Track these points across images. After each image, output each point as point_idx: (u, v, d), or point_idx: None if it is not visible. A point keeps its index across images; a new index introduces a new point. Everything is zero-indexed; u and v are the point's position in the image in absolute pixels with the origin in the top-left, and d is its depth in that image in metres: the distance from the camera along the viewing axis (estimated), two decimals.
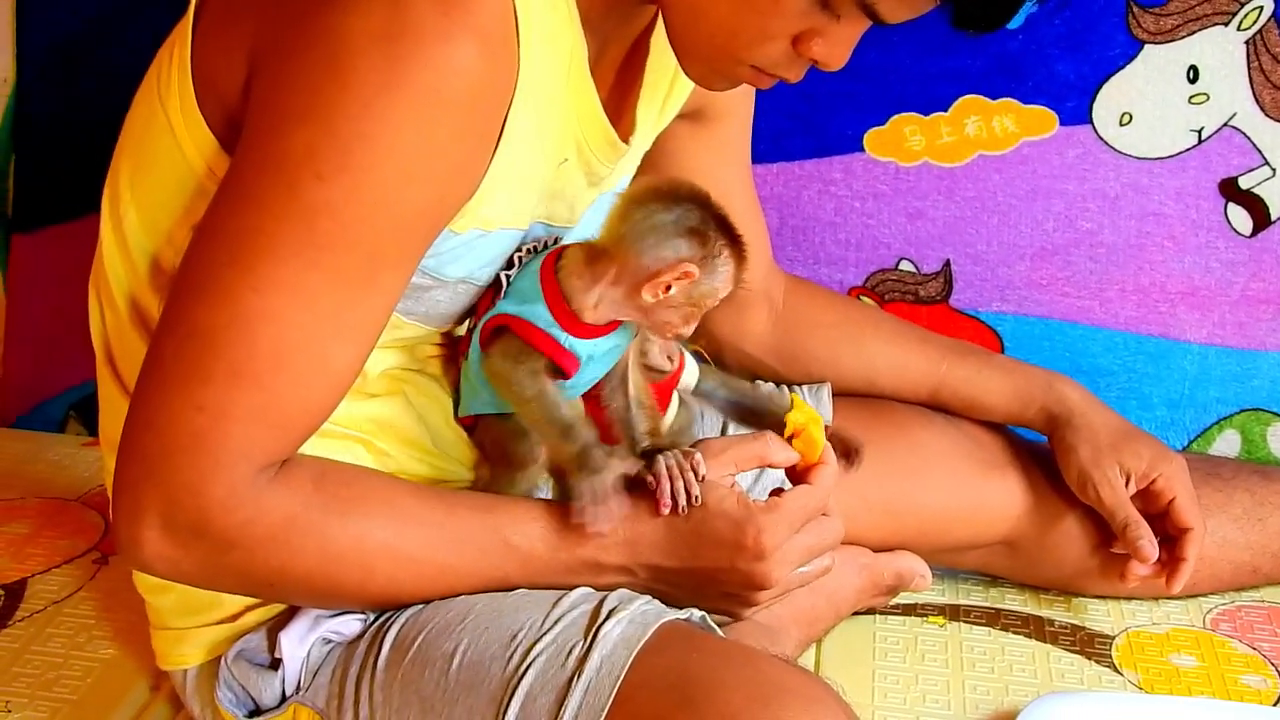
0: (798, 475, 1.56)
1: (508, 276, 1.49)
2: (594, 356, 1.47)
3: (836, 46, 1.40)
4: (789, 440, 1.56)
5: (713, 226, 1.44)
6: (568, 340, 1.45)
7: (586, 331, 1.46)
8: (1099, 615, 2.02)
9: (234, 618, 1.58)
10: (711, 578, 1.49)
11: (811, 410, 1.59)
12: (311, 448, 1.42)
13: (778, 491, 1.53)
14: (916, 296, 2.28)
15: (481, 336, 1.49)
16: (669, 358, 1.59)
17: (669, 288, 1.43)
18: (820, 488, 1.54)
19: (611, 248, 1.43)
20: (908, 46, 2.18)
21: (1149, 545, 1.88)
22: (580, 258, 1.45)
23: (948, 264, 2.25)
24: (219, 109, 1.40)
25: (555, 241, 1.52)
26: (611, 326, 1.47)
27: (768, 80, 1.45)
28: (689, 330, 1.48)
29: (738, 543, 1.48)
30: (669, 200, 1.44)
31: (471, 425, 1.59)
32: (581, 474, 1.46)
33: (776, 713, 1.30)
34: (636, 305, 1.45)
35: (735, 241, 1.45)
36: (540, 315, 1.45)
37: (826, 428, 1.59)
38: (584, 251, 1.46)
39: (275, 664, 1.54)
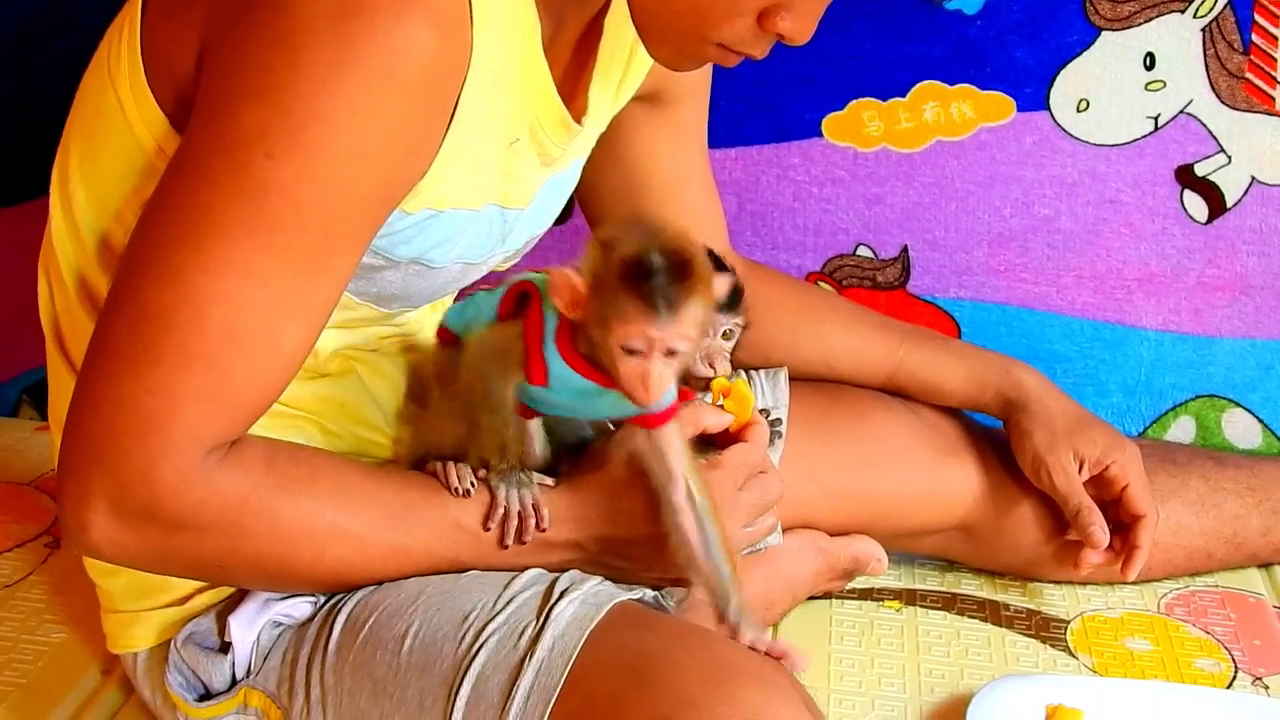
0: (730, 438, 1.56)
1: None
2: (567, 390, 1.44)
3: (802, 20, 1.39)
4: (719, 405, 1.56)
5: (635, 278, 1.35)
6: (553, 356, 1.42)
7: (573, 360, 1.42)
8: (1054, 600, 2.02)
9: (184, 600, 1.57)
10: (661, 543, 1.48)
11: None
12: (262, 428, 1.41)
13: None
14: (874, 282, 2.28)
15: (505, 301, 1.47)
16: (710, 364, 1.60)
17: (568, 288, 1.38)
18: (757, 444, 1.54)
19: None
20: (867, 32, 2.18)
21: (1100, 532, 1.89)
22: (562, 291, 1.39)
23: (905, 250, 2.25)
24: (170, 87, 1.40)
25: None
26: (589, 371, 1.42)
27: (734, 58, 1.44)
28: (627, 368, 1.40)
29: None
30: (632, 229, 1.40)
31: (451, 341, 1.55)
32: (500, 484, 1.46)
33: (731, 692, 1.30)
34: (604, 360, 1.40)
35: (653, 304, 1.35)
36: (552, 323, 1.42)
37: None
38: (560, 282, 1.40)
39: (225, 647, 1.53)
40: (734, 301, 1.60)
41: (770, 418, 1.61)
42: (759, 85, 2.19)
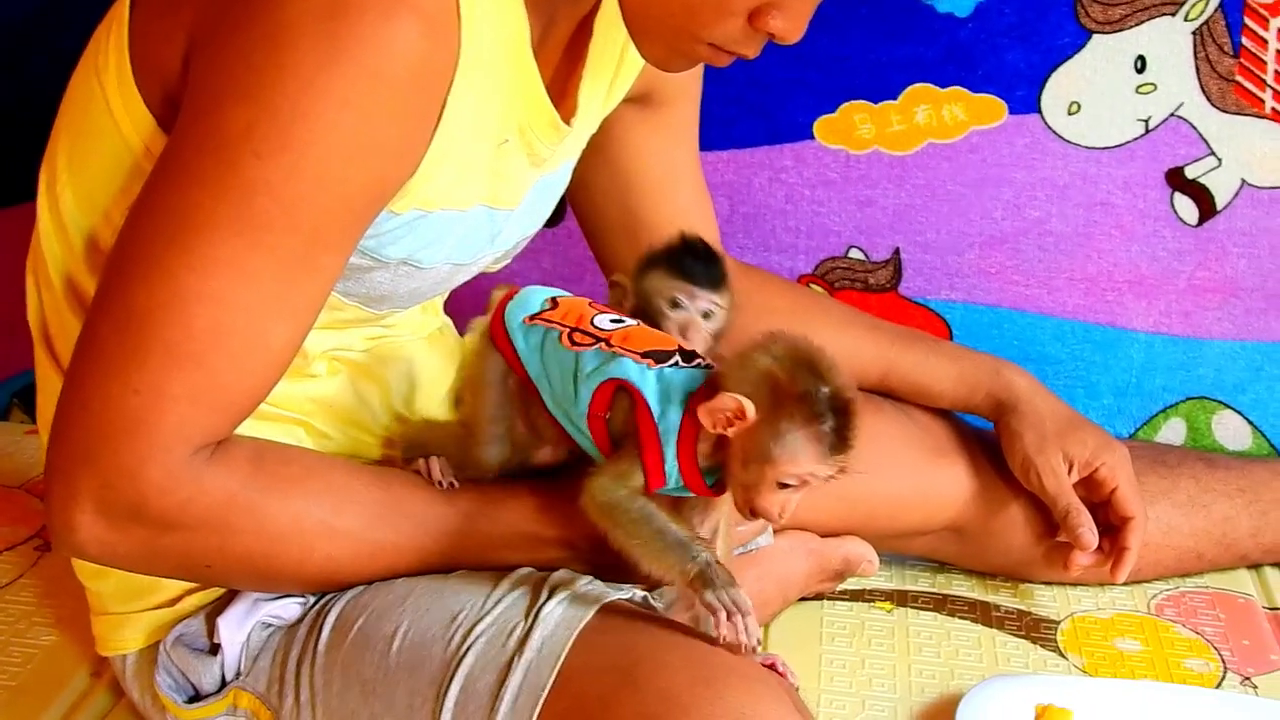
0: None
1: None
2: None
3: (793, 19, 1.39)
4: None
5: (808, 399, 1.35)
6: (672, 466, 1.40)
7: (691, 474, 1.41)
8: (1045, 601, 2.02)
9: (173, 602, 1.57)
10: None
11: None
12: (250, 430, 1.41)
13: None
14: (866, 284, 2.28)
15: (600, 396, 1.42)
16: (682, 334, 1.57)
17: (729, 424, 1.36)
18: None
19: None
20: (858, 35, 2.18)
21: (1089, 533, 1.89)
22: (723, 411, 1.36)
23: (897, 252, 2.26)
24: (157, 87, 1.40)
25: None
26: (701, 487, 1.41)
27: (725, 58, 1.44)
28: (765, 503, 1.39)
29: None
30: (771, 350, 1.38)
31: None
32: (708, 590, 1.36)
33: (719, 692, 1.30)
34: (743, 482, 1.39)
35: (817, 419, 1.35)
36: (672, 428, 1.39)
37: None
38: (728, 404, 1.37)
39: (215, 649, 1.53)
40: (717, 282, 1.59)
41: None
42: (751, 87, 2.19)
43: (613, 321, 1.46)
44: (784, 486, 1.36)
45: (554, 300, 1.50)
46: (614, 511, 1.39)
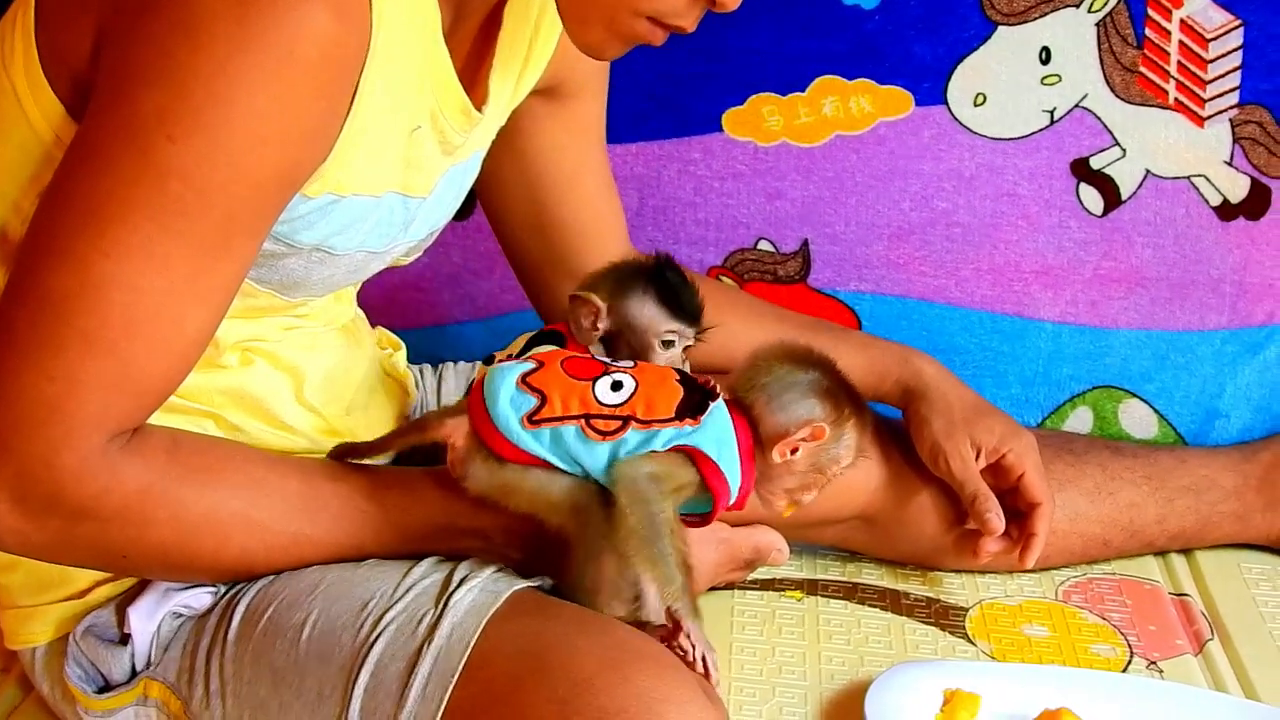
0: None
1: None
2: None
3: None
4: None
5: (843, 392, 1.47)
6: (737, 491, 1.45)
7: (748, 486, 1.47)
8: (954, 588, 2.04)
9: (83, 594, 1.57)
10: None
11: None
12: (162, 423, 1.42)
13: None
14: (775, 276, 2.29)
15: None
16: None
17: (796, 449, 1.45)
18: None
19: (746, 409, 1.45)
20: (766, 27, 2.19)
21: (996, 518, 1.91)
22: (800, 440, 1.47)
23: (806, 244, 2.27)
24: (66, 75, 1.39)
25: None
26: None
27: (662, 34, 1.44)
28: (808, 499, 1.52)
29: None
30: (801, 362, 1.48)
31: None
32: (687, 618, 1.42)
33: (627, 676, 1.31)
34: (758, 467, 1.47)
35: (862, 410, 1.49)
36: (734, 468, 1.44)
37: None
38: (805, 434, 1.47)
39: (125, 639, 1.53)
40: (700, 316, 1.63)
41: None
42: (659, 80, 2.20)
43: (614, 389, 1.45)
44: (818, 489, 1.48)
45: (524, 379, 1.45)
46: (641, 499, 1.41)
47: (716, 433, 1.43)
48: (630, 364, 1.46)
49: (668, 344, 1.59)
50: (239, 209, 1.33)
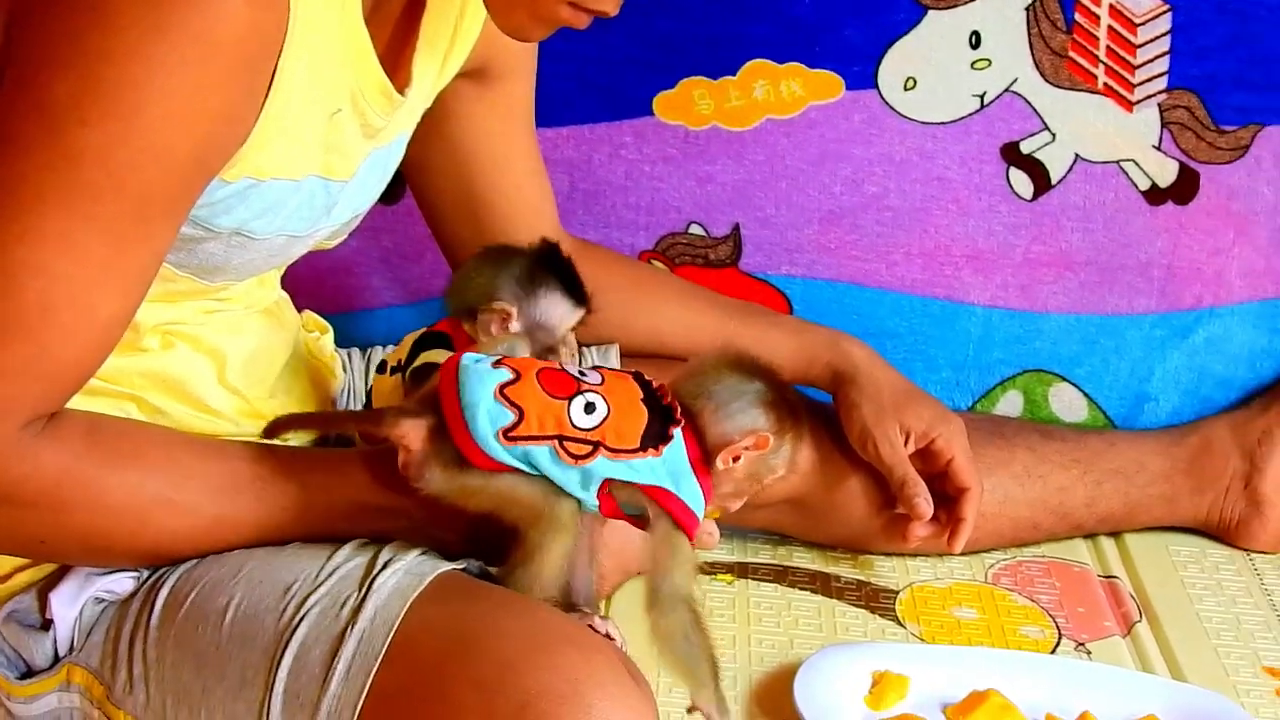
0: None
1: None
2: None
3: None
4: None
5: (786, 404, 1.48)
6: (702, 514, 1.45)
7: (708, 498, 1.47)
8: (884, 571, 2.05)
9: (4, 579, 1.54)
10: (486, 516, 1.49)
11: None
12: (82, 406, 1.40)
13: None
14: (707, 260, 2.29)
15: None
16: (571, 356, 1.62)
17: (738, 457, 1.45)
18: None
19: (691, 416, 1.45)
20: (697, 10, 2.18)
21: (924, 503, 1.92)
22: (743, 449, 1.47)
23: (737, 228, 2.27)
24: None
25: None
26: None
27: (585, 18, 1.44)
28: (735, 506, 1.52)
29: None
30: (747, 371, 1.48)
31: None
32: (715, 714, 1.46)
33: (552, 658, 1.31)
34: (727, 494, 1.49)
35: (800, 423, 1.49)
36: (695, 493, 1.44)
37: None
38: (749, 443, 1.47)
39: (47, 625, 1.51)
40: (585, 293, 1.63)
41: None
42: (589, 64, 2.19)
43: (587, 410, 1.43)
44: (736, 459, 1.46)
45: (501, 390, 1.42)
46: (684, 637, 1.44)
47: (675, 463, 1.43)
48: (598, 379, 1.45)
49: (572, 329, 1.59)
50: (154, 193, 1.32)
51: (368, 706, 1.33)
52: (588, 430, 1.41)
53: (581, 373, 1.45)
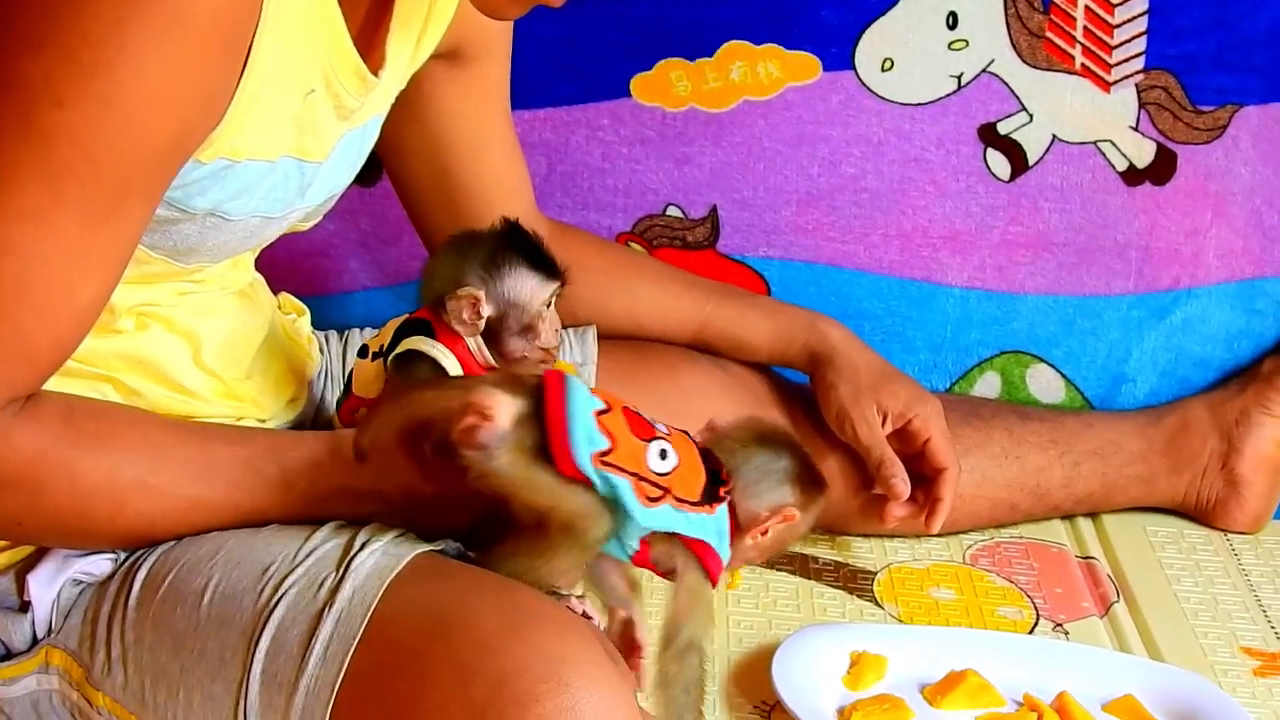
0: None
1: None
2: None
3: None
4: None
5: (809, 474, 1.50)
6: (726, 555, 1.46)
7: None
8: (862, 553, 2.05)
9: None
10: (464, 498, 1.49)
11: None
12: (59, 388, 1.40)
13: None
14: (684, 242, 2.29)
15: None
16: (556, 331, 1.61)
17: (767, 532, 1.47)
18: None
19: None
20: None
21: (901, 483, 1.92)
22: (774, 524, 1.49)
23: (714, 209, 2.27)
24: None
25: None
26: None
27: None
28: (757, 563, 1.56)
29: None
30: (773, 445, 1.49)
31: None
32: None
33: (529, 637, 1.30)
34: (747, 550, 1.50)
35: (822, 490, 1.51)
36: (727, 554, 1.46)
37: None
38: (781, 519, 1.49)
39: (25, 607, 1.51)
40: (555, 266, 1.61)
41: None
42: (566, 46, 2.19)
43: (661, 457, 1.43)
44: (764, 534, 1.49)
45: (597, 415, 1.43)
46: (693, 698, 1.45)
47: (721, 524, 1.45)
48: (666, 430, 1.46)
49: (549, 304, 1.59)
50: (130, 174, 1.31)
51: (345, 686, 1.33)
52: (661, 475, 1.42)
53: (653, 419, 1.46)
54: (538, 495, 1.40)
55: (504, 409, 1.40)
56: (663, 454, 1.42)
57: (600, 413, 1.41)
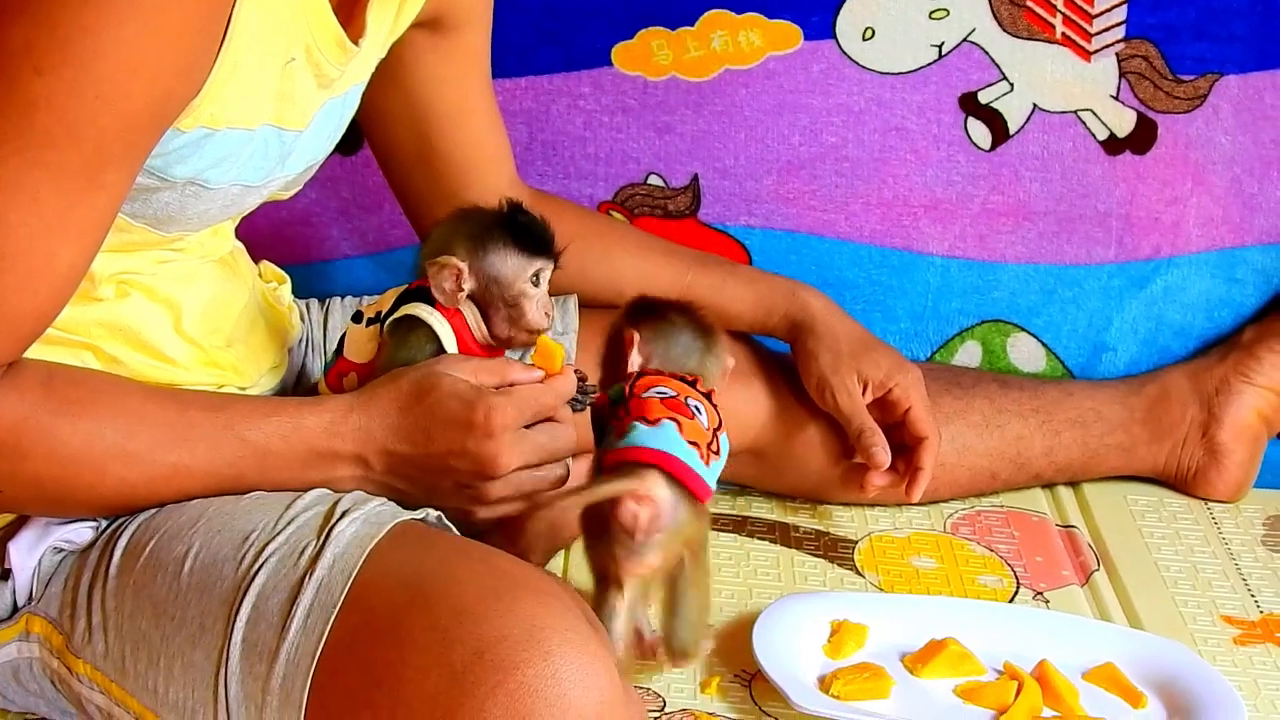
0: None
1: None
2: None
3: None
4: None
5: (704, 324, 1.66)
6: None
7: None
8: (843, 521, 2.05)
9: None
10: (444, 464, 1.49)
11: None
12: (39, 355, 1.40)
13: None
14: (665, 211, 2.28)
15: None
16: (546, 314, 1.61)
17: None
18: (553, 388, 1.55)
19: None
20: None
21: (881, 452, 1.92)
22: None
23: (696, 178, 2.26)
24: None
25: None
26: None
27: None
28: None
29: (468, 420, 1.48)
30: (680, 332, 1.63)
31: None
32: None
33: (509, 604, 1.31)
34: None
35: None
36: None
37: None
38: None
39: (5, 574, 1.52)
40: (553, 245, 1.62)
41: (586, 383, 1.62)
42: (547, 14, 2.19)
43: (697, 412, 1.53)
44: None
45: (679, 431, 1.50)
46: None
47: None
48: (677, 384, 1.54)
49: (535, 282, 1.59)
50: (110, 142, 1.31)
51: (326, 654, 1.34)
52: (708, 429, 1.52)
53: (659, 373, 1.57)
54: (690, 530, 1.52)
55: (654, 484, 1.47)
56: (697, 410, 1.51)
57: (666, 399, 1.50)
